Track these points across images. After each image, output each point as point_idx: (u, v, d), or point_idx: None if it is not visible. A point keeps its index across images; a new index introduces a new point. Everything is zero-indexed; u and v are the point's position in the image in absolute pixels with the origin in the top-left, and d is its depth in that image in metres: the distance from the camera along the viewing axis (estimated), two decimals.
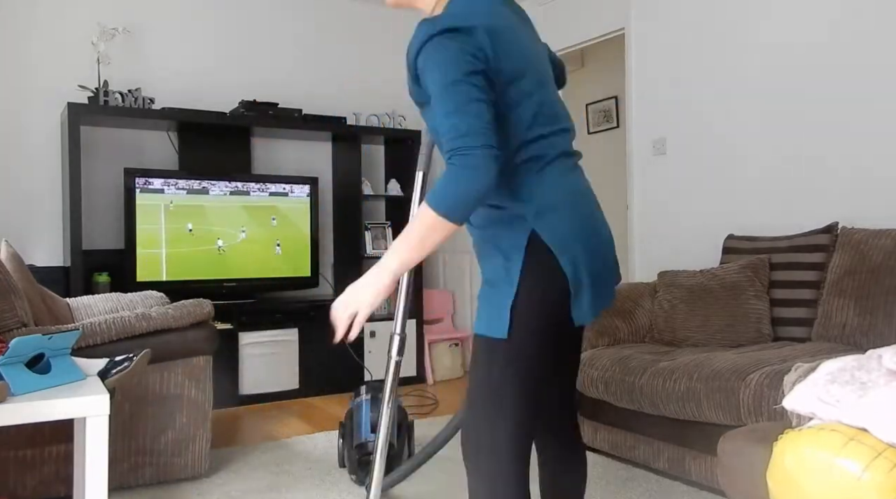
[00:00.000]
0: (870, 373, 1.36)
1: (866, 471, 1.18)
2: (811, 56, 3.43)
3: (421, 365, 4.96)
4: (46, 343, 2.06)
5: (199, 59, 4.72)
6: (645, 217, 4.32)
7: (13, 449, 2.51)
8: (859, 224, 3.04)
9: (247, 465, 3.04)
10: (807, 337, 2.97)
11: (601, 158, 5.97)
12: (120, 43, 4.36)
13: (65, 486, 2.56)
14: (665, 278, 3.39)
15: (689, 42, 4.03)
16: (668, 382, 2.67)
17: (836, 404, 1.32)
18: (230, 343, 4.19)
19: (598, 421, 3.07)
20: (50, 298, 3.00)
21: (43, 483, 2.56)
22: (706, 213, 3.93)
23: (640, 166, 4.34)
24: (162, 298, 3.43)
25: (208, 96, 4.64)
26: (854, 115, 3.26)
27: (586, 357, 3.09)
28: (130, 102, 4.22)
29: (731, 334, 3.06)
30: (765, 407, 2.33)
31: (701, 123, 3.97)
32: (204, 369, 2.85)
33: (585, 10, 4.72)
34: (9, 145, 4.18)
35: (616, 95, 5.74)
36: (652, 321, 3.33)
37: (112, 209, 4.36)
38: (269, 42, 4.95)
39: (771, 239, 3.26)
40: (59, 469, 2.57)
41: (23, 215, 4.20)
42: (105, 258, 4.26)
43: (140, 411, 2.73)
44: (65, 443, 2.54)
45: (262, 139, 4.92)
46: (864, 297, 2.80)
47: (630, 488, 2.70)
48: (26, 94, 4.23)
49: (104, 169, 4.37)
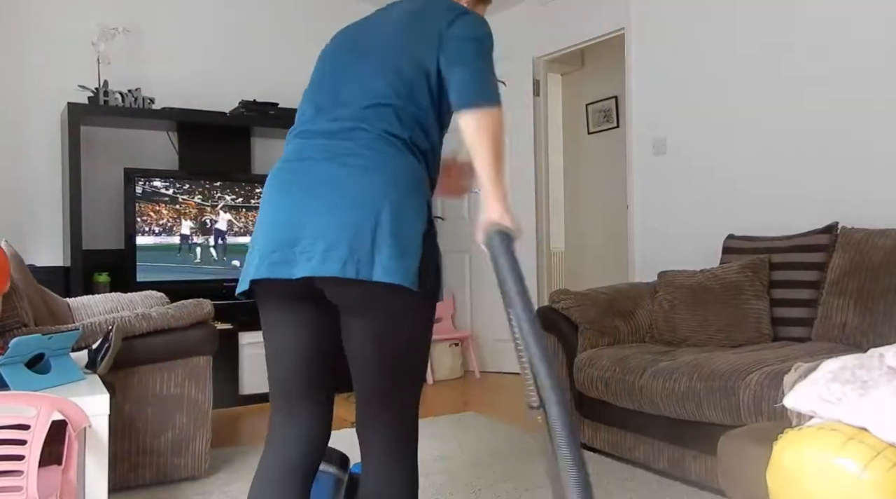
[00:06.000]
0: (871, 371, 1.36)
1: (866, 470, 1.18)
2: (811, 56, 3.43)
3: None
4: (46, 343, 2.06)
5: (199, 59, 4.72)
6: (645, 217, 4.32)
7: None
8: (859, 224, 3.04)
9: (247, 465, 3.04)
10: (807, 337, 2.97)
11: (601, 158, 5.98)
12: (120, 43, 4.36)
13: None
14: (665, 278, 3.39)
15: (689, 42, 4.03)
16: (668, 382, 2.67)
17: (836, 402, 1.32)
18: (230, 343, 4.19)
19: (598, 421, 3.07)
20: (50, 298, 3.00)
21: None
22: (706, 213, 3.93)
23: (640, 166, 4.34)
24: (162, 298, 3.42)
25: (208, 96, 4.64)
26: (854, 115, 3.26)
27: (586, 357, 3.09)
28: (130, 102, 4.22)
29: (730, 334, 3.06)
30: (765, 407, 2.33)
31: (701, 123, 3.97)
32: (204, 369, 2.85)
33: (585, 10, 4.72)
34: (9, 145, 4.19)
35: (616, 95, 5.74)
36: (652, 321, 3.33)
37: (112, 209, 4.36)
38: (269, 42, 4.95)
39: (771, 239, 3.26)
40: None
41: (23, 215, 4.21)
42: (105, 258, 4.26)
43: (140, 411, 2.73)
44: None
45: (262, 139, 4.92)
46: (864, 297, 2.80)
47: (630, 488, 2.70)
48: (26, 94, 4.23)
49: (104, 169, 4.37)
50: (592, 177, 6.10)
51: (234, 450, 3.28)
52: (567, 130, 6.39)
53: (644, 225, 4.33)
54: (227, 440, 3.48)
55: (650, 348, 3.09)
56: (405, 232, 1.45)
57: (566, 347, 3.22)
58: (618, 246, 4.91)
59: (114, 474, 2.58)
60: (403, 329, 1.52)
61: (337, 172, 1.49)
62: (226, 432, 3.63)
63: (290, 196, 1.51)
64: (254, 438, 3.53)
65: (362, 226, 1.43)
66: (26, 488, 1.62)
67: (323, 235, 1.44)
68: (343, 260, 1.41)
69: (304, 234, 1.45)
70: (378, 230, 1.43)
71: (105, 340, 2.34)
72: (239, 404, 4.23)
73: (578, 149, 6.27)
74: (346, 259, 1.41)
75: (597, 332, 3.22)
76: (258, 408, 4.21)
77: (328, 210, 1.46)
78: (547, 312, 3.33)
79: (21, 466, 1.63)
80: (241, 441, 3.48)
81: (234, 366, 4.24)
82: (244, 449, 3.29)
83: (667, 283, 3.35)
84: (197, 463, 2.84)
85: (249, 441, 3.46)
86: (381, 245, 1.43)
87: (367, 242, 1.43)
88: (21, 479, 1.62)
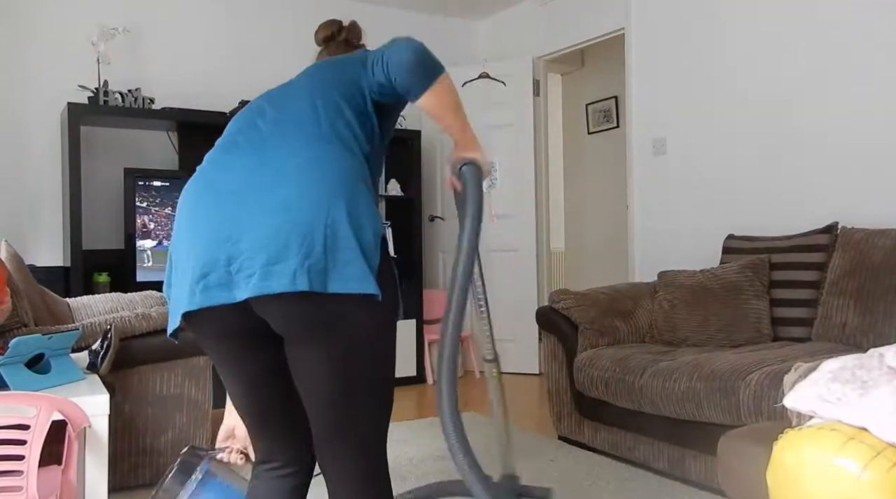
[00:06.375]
0: (871, 371, 1.36)
1: (866, 470, 1.18)
2: (811, 56, 3.43)
3: (420, 365, 4.96)
4: (46, 343, 2.06)
5: (199, 59, 4.72)
6: (645, 217, 4.32)
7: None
8: (859, 224, 3.04)
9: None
10: (807, 337, 2.97)
11: (601, 158, 5.99)
12: (120, 43, 4.36)
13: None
14: (665, 278, 3.39)
15: (689, 42, 4.03)
16: (668, 382, 2.67)
17: (836, 402, 1.32)
18: None
19: (598, 421, 3.07)
20: (50, 298, 3.00)
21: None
22: (706, 213, 3.93)
23: (640, 166, 4.34)
24: (162, 298, 3.42)
25: (208, 96, 4.64)
26: (854, 115, 3.26)
27: (586, 357, 3.09)
28: (130, 102, 4.22)
29: (730, 334, 3.06)
30: (765, 407, 2.33)
31: (701, 123, 3.97)
32: (204, 369, 2.86)
33: (585, 10, 4.73)
34: (9, 145, 4.18)
35: (616, 95, 5.74)
36: (652, 321, 3.33)
37: (112, 209, 4.36)
38: (269, 42, 4.95)
39: (771, 239, 3.26)
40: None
41: (23, 215, 4.21)
42: (105, 258, 4.26)
43: (140, 411, 2.73)
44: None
45: None
46: (864, 297, 2.80)
47: (630, 488, 2.70)
48: (26, 94, 4.23)
49: (104, 169, 4.36)
50: (592, 177, 6.10)
51: None
52: (567, 130, 6.39)
53: (644, 225, 4.33)
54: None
55: (650, 348, 3.09)
56: (360, 233, 1.26)
57: (566, 347, 3.22)
58: (618, 246, 4.92)
59: (114, 474, 2.58)
60: (367, 348, 1.32)
61: (270, 174, 1.28)
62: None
63: (217, 208, 1.28)
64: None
65: (310, 230, 1.22)
66: (26, 488, 1.62)
67: (264, 246, 1.22)
68: (292, 271, 1.20)
69: (241, 248, 1.23)
70: (329, 233, 1.23)
71: (104, 340, 2.35)
72: None
73: (578, 149, 6.27)
74: (296, 269, 1.20)
75: (597, 332, 3.22)
76: None
77: (267, 217, 1.24)
78: (547, 312, 3.33)
79: (21, 466, 1.63)
80: None
81: None
82: None
83: (667, 283, 3.36)
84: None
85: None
86: (333, 250, 1.23)
87: (319, 248, 1.22)
88: (21, 479, 1.62)
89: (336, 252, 1.23)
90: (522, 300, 5.05)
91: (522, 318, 5.00)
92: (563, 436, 3.31)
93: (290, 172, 1.27)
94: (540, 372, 5.01)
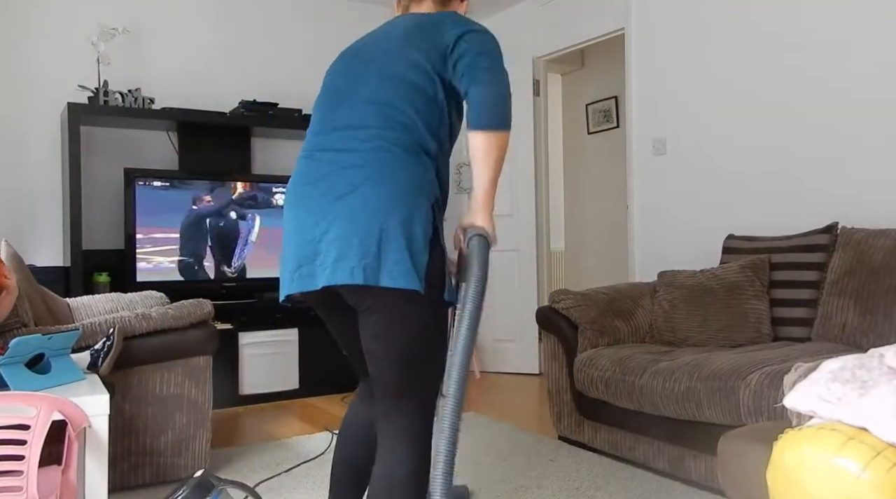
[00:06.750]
0: (871, 371, 1.36)
1: (865, 470, 1.18)
2: (811, 56, 3.43)
3: None
4: (46, 343, 2.06)
5: (199, 59, 4.73)
6: (645, 217, 4.32)
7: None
8: (859, 224, 3.03)
9: (247, 465, 3.04)
10: (807, 337, 2.97)
11: (601, 158, 5.99)
12: (120, 43, 4.36)
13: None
14: (665, 278, 3.39)
15: (688, 42, 4.04)
16: (668, 382, 2.67)
17: (836, 402, 1.32)
18: (230, 343, 4.19)
19: (598, 421, 3.07)
20: (50, 298, 3.00)
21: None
22: (706, 213, 3.93)
23: (640, 166, 4.34)
24: (162, 298, 3.43)
25: (208, 96, 4.65)
26: (854, 114, 3.26)
27: (586, 357, 3.09)
28: (130, 102, 4.22)
29: (730, 334, 3.06)
30: (765, 407, 2.33)
31: (701, 123, 3.97)
32: (204, 369, 2.86)
33: (585, 10, 4.73)
34: (9, 145, 4.19)
35: (616, 95, 5.74)
36: (652, 321, 3.33)
37: (112, 209, 4.36)
38: (268, 42, 4.95)
39: (771, 239, 3.26)
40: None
41: (23, 215, 4.21)
42: (105, 258, 4.26)
43: (140, 411, 2.73)
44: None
45: (261, 139, 4.92)
46: (864, 297, 2.80)
47: (630, 488, 2.70)
48: (26, 94, 4.23)
49: (104, 169, 4.37)
50: (592, 177, 6.10)
51: (233, 450, 3.28)
52: (567, 130, 6.39)
53: (644, 225, 4.33)
54: (227, 440, 3.48)
55: (650, 348, 3.09)
56: (410, 238, 1.57)
57: (566, 347, 3.22)
58: (618, 246, 4.92)
59: (114, 474, 2.58)
60: (410, 331, 1.63)
61: (345, 186, 1.61)
62: (226, 432, 3.63)
63: (307, 213, 1.65)
64: (253, 438, 3.53)
65: (368, 235, 1.56)
66: (26, 488, 1.62)
67: (334, 248, 1.59)
68: (351, 268, 1.56)
69: (321, 248, 1.61)
70: (383, 238, 1.56)
71: (107, 340, 2.35)
72: (239, 404, 4.23)
73: (578, 149, 6.27)
74: (354, 267, 1.56)
75: (597, 332, 3.22)
76: (258, 408, 4.21)
77: (338, 223, 1.59)
78: (547, 312, 3.33)
79: (21, 466, 1.63)
80: (241, 441, 3.48)
81: (234, 366, 4.25)
82: (244, 449, 3.29)
83: (667, 283, 3.36)
84: (197, 463, 2.84)
85: (249, 441, 3.46)
86: (386, 252, 1.56)
87: (374, 250, 1.56)
88: (21, 479, 1.62)
89: (388, 253, 1.56)
90: (522, 300, 5.05)
91: (522, 318, 5.00)
92: (563, 436, 3.31)
93: (360, 184, 1.59)
94: (540, 372, 5.01)
